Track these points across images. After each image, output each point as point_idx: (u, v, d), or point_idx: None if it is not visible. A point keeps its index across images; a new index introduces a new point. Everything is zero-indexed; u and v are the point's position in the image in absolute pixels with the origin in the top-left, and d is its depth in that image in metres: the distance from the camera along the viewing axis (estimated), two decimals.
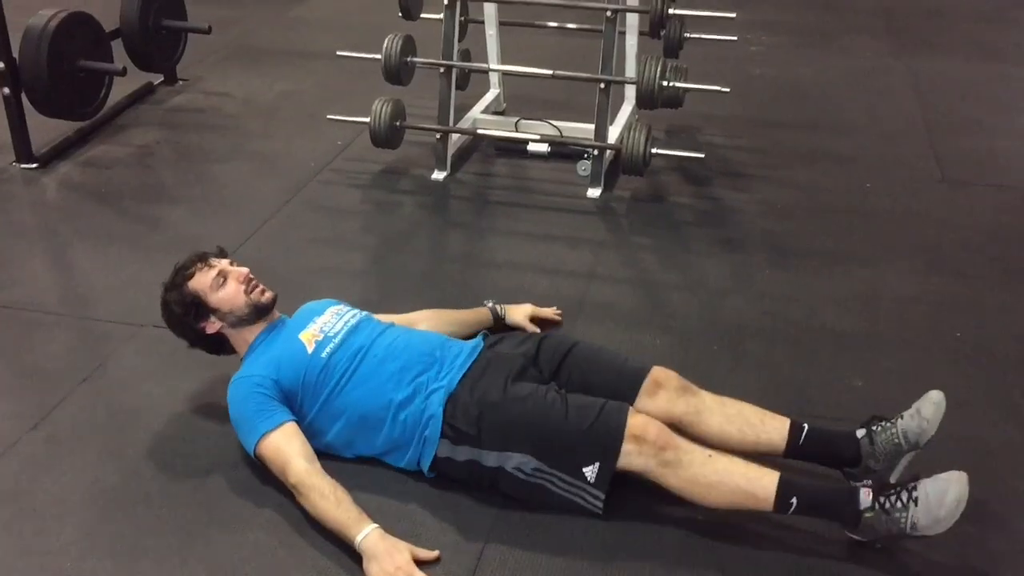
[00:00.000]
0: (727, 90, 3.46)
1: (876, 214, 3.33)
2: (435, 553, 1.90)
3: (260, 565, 1.89)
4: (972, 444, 2.17)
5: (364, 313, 2.29)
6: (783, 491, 1.88)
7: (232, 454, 2.15)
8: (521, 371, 2.11)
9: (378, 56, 3.51)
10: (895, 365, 2.50)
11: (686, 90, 3.61)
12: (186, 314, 2.18)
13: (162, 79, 4.34)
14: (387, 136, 3.51)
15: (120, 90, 4.01)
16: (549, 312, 2.64)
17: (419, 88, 3.69)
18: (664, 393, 2.10)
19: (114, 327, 2.64)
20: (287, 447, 2.01)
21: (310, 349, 2.12)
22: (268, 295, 2.22)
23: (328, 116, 3.67)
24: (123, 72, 3.75)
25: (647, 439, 1.92)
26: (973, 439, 2.20)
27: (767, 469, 1.92)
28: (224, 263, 2.23)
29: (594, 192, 3.45)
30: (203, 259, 2.22)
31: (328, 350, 2.12)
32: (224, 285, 2.17)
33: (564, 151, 3.63)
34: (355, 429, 2.10)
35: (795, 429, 2.05)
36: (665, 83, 3.30)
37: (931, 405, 1.98)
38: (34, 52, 3.45)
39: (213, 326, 2.19)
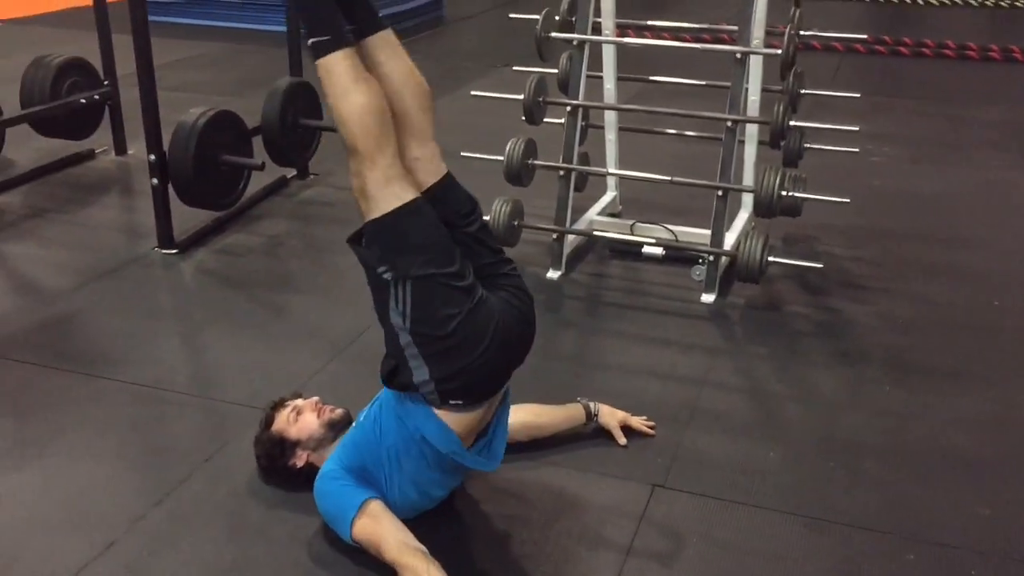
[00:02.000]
0: (847, 201, 3.44)
1: (1004, 332, 3.22)
2: None
3: None
4: None
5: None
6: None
7: (339, 540, 2.19)
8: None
9: (501, 158, 3.64)
10: None
11: (805, 199, 3.60)
12: (274, 456, 2.34)
13: (295, 173, 4.58)
14: (506, 234, 3.61)
15: (256, 183, 4.25)
16: (641, 424, 2.63)
17: (538, 189, 3.78)
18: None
19: (237, 409, 2.75)
20: (377, 527, 2.07)
21: (361, 419, 2.24)
22: (338, 411, 2.37)
23: None
24: (262, 167, 3.98)
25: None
26: None
27: None
28: (296, 401, 2.39)
29: (708, 298, 3.44)
30: (277, 404, 2.40)
31: (363, 415, 2.23)
32: (299, 417, 2.34)
33: (679, 255, 3.65)
34: (406, 466, 2.14)
35: None
36: (784, 192, 3.31)
37: None
38: (183, 146, 3.71)
39: (300, 458, 2.32)
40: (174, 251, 3.79)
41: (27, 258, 3.79)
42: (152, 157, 3.71)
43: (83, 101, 4.63)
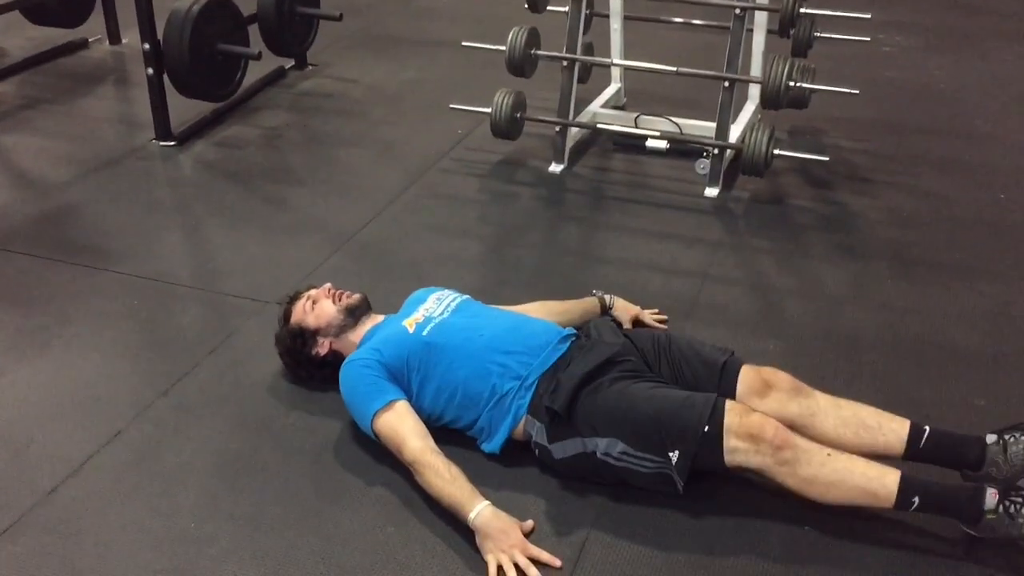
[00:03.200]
0: (856, 92, 3.37)
1: (1008, 228, 3.20)
2: (530, 523, 1.97)
3: (370, 540, 1.96)
4: None
5: (467, 296, 2.37)
6: (905, 489, 1.85)
7: (346, 432, 2.23)
8: (614, 358, 2.12)
9: (502, 48, 3.55)
10: (1022, 385, 2.41)
11: (813, 91, 3.53)
12: (297, 346, 2.34)
13: (293, 64, 4.49)
14: (507, 127, 3.55)
15: (254, 73, 4.16)
16: (651, 318, 2.64)
17: (541, 80, 3.71)
18: (775, 394, 2.09)
19: (241, 302, 2.76)
20: (401, 425, 2.08)
21: (411, 330, 2.21)
22: (356, 296, 2.37)
23: (450, 105, 3.74)
24: (258, 56, 3.89)
25: (764, 438, 1.90)
26: None
27: (887, 468, 1.90)
28: (310, 291, 2.39)
29: (712, 191, 3.41)
30: (292, 298, 2.40)
31: (428, 329, 2.20)
32: (316, 306, 2.33)
33: (683, 149, 3.60)
34: (455, 402, 2.15)
35: (915, 431, 2.01)
36: (792, 83, 3.24)
37: None
38: (177, 35, 3.62)
39: (323, 346, 2.33)
40: (172, 143, 3.74)
41: (23, 148, 3.75)
42: (146, 46, 3.63)
43: None
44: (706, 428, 1.93)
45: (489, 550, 1.90)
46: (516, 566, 1.87)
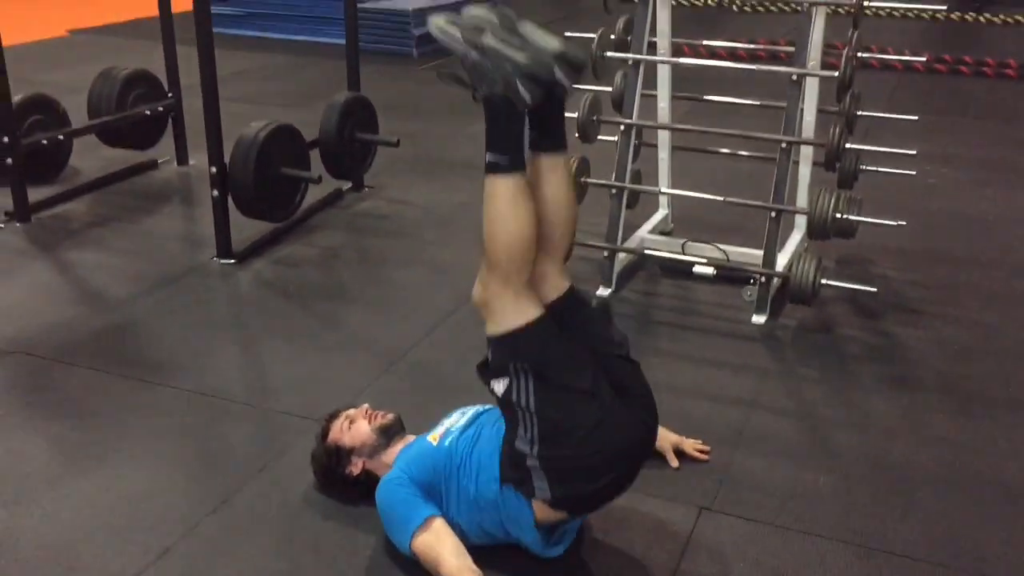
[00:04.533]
0: (903, 223, 3.40)
1: None
2: None
3: None
4: None
5: (489, 406, 2.37)
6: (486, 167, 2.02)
7: (390, 552, 2.23)
8: None
9: None
10: None
11: (859, 222, 3.57)
12: (331, 465, 2.39)
13: (350, 186, 4.66)
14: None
15: (313, 195, 4.32)
16: (694, 447, 2.63)
17: (590, 206, 3.79)
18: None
19: (291, 420, 2.80)
20: (437, 544, 2.09)
21: (435, 443, 2.25)
22: (390, 416, 2.42)
23: None
24: (319, 180, 4.05)
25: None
26: None
27: None
28: (348, 411, 2.44)
29: (759, 319, 3.43)
30: (331, 416, 2.45)
31: (449, 440, 2.24)
32: (352, 425, 2.39)
33: (730, 275, 3.64)
34: (476, 506, 2.16)
35: None
36: (838, 215, 3.28)
37: None
38: (243, 159, 3.79)
39: (357, 466, 2.37)
40: (232, 261, 3.87)
41: (91, 265, 3.90)
42: (213, 169, 3.80)
43: (147, 112, 4.76)
44: None
45: None
46: None
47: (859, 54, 3.46)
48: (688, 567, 2.23)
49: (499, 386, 2.06)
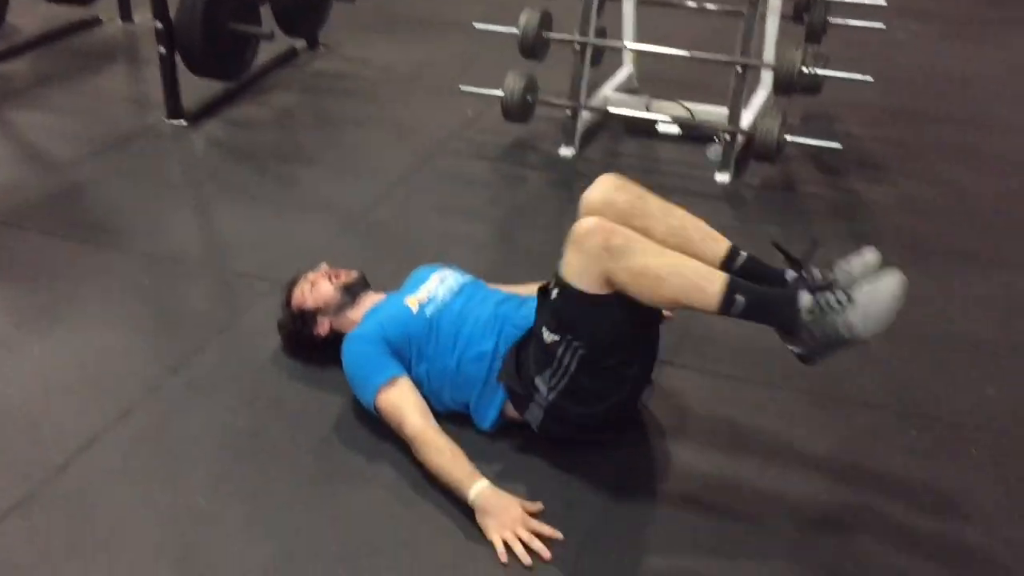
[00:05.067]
0: (870, 79, 3.35)
1: (1020, 217, 3.18)
2: (539, 505, 1.97)
3: (377, 519, 1.97)
4: None
5: (469, 277, 2.37)
6: (730, 287, 1.87)
7: (354, 410, 2.24)
8: None
9: (515, 30, 3.54)
10: None
11: (826, 77, 3.51)
12: (298, 329, 2.36)
13: (305, 44, 4.48)
14: (518, 110, 3.55)
15: (266, 54, 4.16)
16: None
17: (553, 63, 3.70)
18: (606, 183, 2.13)
19: (250, 281, 2.77)
20: (403, 402, 2.09)
21: (415, 310, 2.22)
22: (352, 274, 2.39)
23: (461, 87, 3.73)
24: (270, 36, 3.89)
25: (591, 232, 1.91)
26: None
27: (715, 269, 1.94)
28: (309, 274, 2.40)
29: (723, 177, 3.40)
30: (292, 282, 2.41)
31: (431, 311, 2.21)
32: (314, 287, 2.35)
33: (695, 134, 3.59)
34: (449, 381, 2.17)
35: (732, 253, 2.07)
36: (805, 69, 3.22)
37: (862, 264, 1.96)
38: (190, 14, 3.62)
39: (323, 326, 2.34)
40: (183, 122, 3.75)
41: (35, 126, 3.76)
42: (159, 25, 3.62)
43: None
44: None
45: (492, 528, 1.91)
46: (522, 542, 1.88)
47: None
48: (651, 419, 2.26)
49: (548, 336, 2.02)
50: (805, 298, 1.86)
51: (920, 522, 1.97)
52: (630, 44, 3.89)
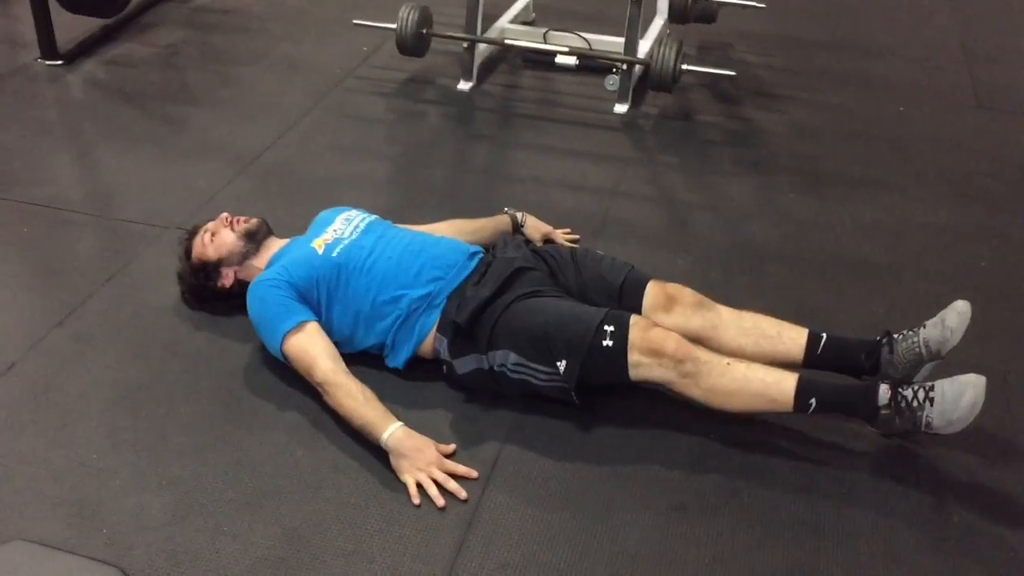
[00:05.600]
0: (762, 6, 3.38)
1: (907, 140, 3.27)
2: (452, 447, 1.97)
3: (280, 464, 1.94)
4: (991, 375, 2.17)
5: (375, 217, 2.33)
6: (802, 391, 1.91)
7: (254, 356, 2.19)
8: (518, 272, 2.13)
9: None
10: (918, 293, 2.50)
11: (720, 4, 3.52)
12: (200, 280, 2.29)
13: None
14: (413, 44, 3.46)
15: None
16: (563, 236, 2.63)
17: None
18: (679, 308, 2.12)
19: (138, 228, 2.66)
20: (312, 346, 2.05)
21: (320, 251, 2.17)
22: (253, 220, 2.32)
23: (354, 21, 3.62)
24: None
25: (666, 352, 1.93)
26: (992, 370, 2.20)
27: (785, 372, 1.95)
28: (208, 224, 2.32)
29: (621, 108, 3.40)
30: (191, 233, 2.34)
31: (338, 250, 2.17)
32: (215, 237, 2.27)
33: (592, 65, 3.57)
34: (363, 323, 2.14)
35: (813, 339, 2.08)
36: None
37: (956, 315, 1.97)
38: None
39: (227, 277, 2.27)
40: (59, 62, 3.55)
41: None
42: None
43: None
44: (605, 342, 1.95)
45: (405, 469, 1.90)
46: (435, 482, 1.88)
47: None
48: None
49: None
50: (884, 395, 1.88)
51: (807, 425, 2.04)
52: None
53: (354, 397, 1.97)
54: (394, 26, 3.46)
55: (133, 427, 2.01)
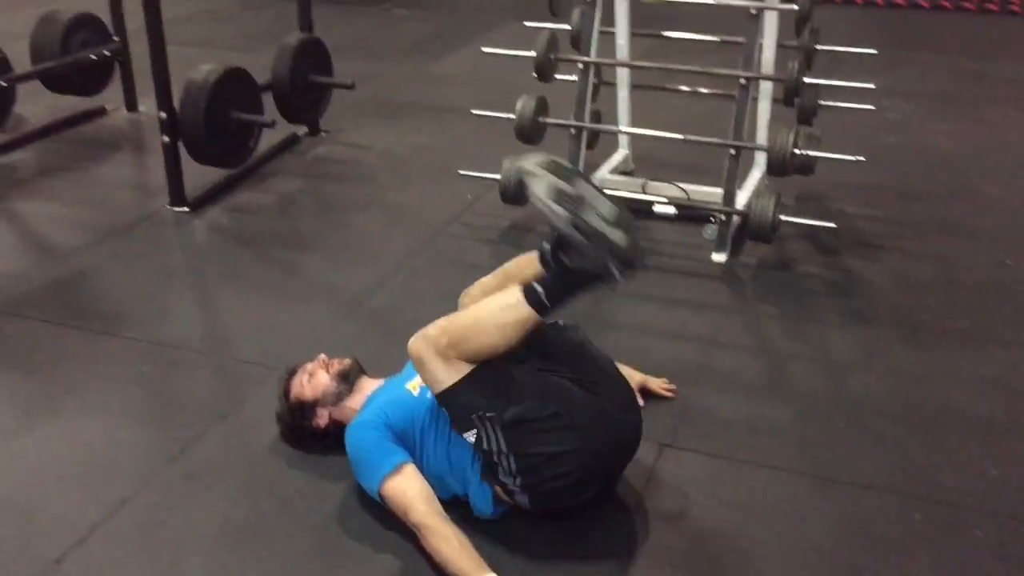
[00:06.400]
0: (862, 159, 3.41)
1: (1015, 293, 3.20)
2: None
3: None
4: None
5: None
6: (526, 288, 2.02)
7: (353, 498, 2.23)
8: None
9: (512, 115, 3.61)
10: None
11: (818, 158, 3.56)
12: (298, 422, 2.36)
13: (306, 130, 4.57)
14: (516, 193, 3.58)
15: (268, 140, 4.23)
16: (661, 386, 2.64)
17: (549, 147, 3.75)
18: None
19: (251, 368, 2.77)
20: (408, 488, 2.08)
21: (416, 393, 2.22)
22: (346, 361, 2.40)
23: (460, 171, 3.79)
24: (272, 124, 3.96)
25: (424, 347, 2.07)
26: None
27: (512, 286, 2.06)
28: (306, 364, 2.41)
29: (719, 257, 3.43)
30: (290, 373, 2.42)
31: (431, 392, 2.19)
32: (312, 378, 2.35)
33: (691, 214, 3.63)
34: (448, 469, 2.16)
35: (541, 254, 2.10)
36: (797, 151, 3.28)
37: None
38: (193, 104, 3.70)
39: (322, 417, 2.34)
40: (186, 209, 3.80)
41: (39, 215, 3.80)
42: (163, 115, 3.70)
43: (93, 57, 4.62)
44: None
45: None
46: None
47: None
48: (651, 504, 2.25)
49: (470, 437, 2.06)
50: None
51: None
52: (625, 128, 3.97)
53: (449, 542, 1.98)
54: (498, 176, 3.60)
55: (237, 566, 2.05)
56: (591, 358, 2.20)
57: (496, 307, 2.06)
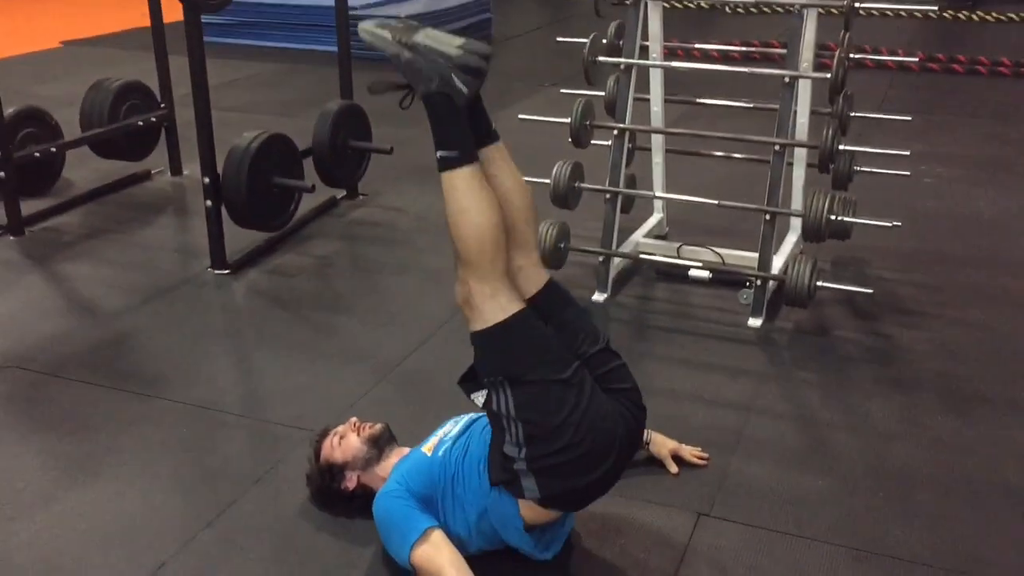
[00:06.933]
0: (898, 224, 3.40)
1: None
2: None
3: None
4: None
5: (481, 413, 2.36)
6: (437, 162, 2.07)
7: (385, 565, 2.22)
8: None
9: (547, 180, 3.65)
10: None
11: (854, 223, 3.56)
12: (327, 483, 2.37)
13: (345, 194, 4.64)
14: (552, 256, 3.61)
15: (307, 204, 4.31)
16: (693, 454, 2.61)
17: (585, 211, 3.79)
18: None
19: (286, 430, 2.79)
20: (437, 556, 2.08)
21: (429, 454, 2.25)
22: (377, 426, 2.41)
23: None
24: (312, 189, 4.04)
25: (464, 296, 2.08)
26: None
27: None
28: (338, 427, 2.43)
29: (755, 322, 3.42)
30: (321, 435, 2.44)
31: (443, 450, 2.24)
32: (342, 441, 2.37)
33: (726, 278, 3.63)
34: (467, 520, 2.16)
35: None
36: (833, 216, 3.28)
37: None
38: (236, 169, 3.78)
39: (352, 480, 2.36)
40: (227, 271, 3.86)
41: (84, 277, 3.88)
42: (206, 179, 3.78)
43: (140, 123, 4.75)
44: None
45: None
46: None
47: (852, 55, 3.45)
48: (687, 573, 2.21)
49: (479, 398, 2.09)
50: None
51: None
52: (660, 193, 3.99)
53: None
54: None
55: None
56: (615, 364, 2.19)
57: (450, 212, 2.07)
